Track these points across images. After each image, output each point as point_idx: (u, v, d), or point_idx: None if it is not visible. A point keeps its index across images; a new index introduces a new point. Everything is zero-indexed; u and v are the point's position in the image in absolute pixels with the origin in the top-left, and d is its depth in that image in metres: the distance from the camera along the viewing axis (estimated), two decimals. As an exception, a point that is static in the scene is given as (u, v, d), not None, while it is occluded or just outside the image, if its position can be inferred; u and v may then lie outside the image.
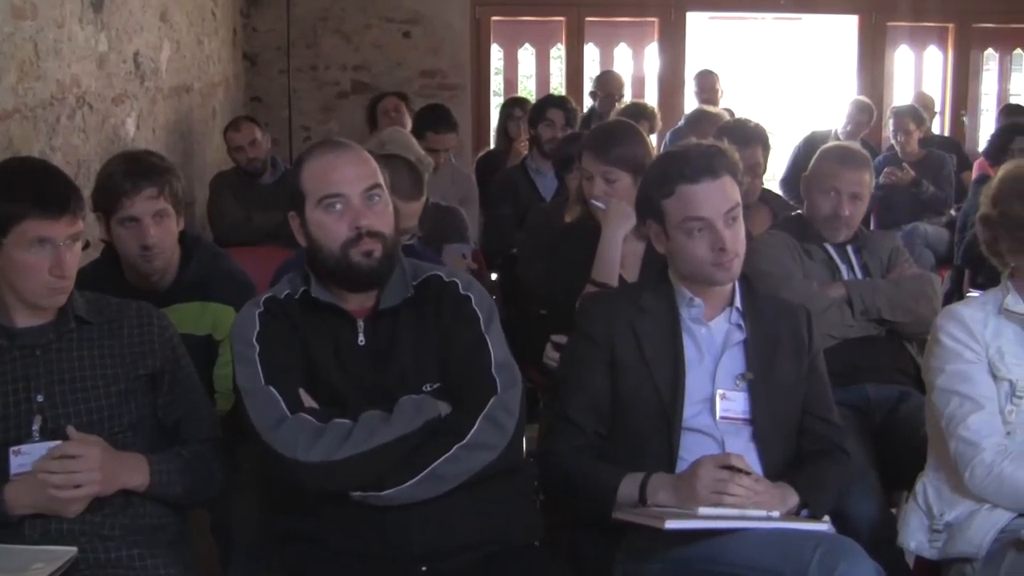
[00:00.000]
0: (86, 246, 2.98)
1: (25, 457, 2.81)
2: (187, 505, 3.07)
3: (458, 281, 3.00)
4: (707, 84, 9.16)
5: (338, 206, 2.86)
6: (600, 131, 4.32)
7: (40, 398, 2.87)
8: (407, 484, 2.70)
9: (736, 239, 3.06)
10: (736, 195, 3.09)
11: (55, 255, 2.83)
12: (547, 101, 7.04)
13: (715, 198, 3.04)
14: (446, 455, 2.73)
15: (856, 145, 4.99)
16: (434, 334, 2.92)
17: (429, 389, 2.87)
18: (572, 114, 6.86)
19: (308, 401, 2.80)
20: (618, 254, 4.02)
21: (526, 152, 7.30)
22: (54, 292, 2.88)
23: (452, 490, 2.76)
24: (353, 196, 2.88)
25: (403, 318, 2.93)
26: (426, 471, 2.71)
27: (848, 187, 4.23)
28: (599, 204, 4.12)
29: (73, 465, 2.76)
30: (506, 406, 2.84)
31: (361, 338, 2.90)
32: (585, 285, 3.95)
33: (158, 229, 3.55)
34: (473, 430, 2.76)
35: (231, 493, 3.20)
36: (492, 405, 2.81)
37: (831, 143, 4.60)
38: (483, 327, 2.94)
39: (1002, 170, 3.21)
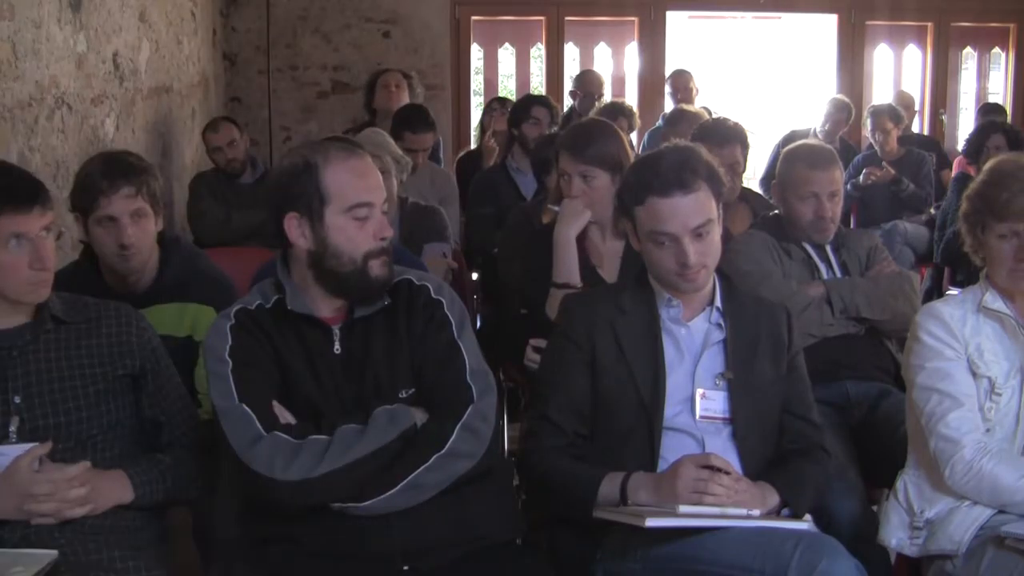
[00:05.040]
0: (59, 237, 2.98)
1: (2, 458, 2.81)
2: (166, 506, 3.07)
3: (429, 285, 2.99)
4: (681, 83, 9.18)
5: (367, 215, 2.86)
6: (575, 130, 4.32)
7: (17, 399, 2.87)
8: (387, 495, 2.71)
9: (704, 252, 3.05)
10: (709, 209, 3.06)
11: (32, 249, 2.84)
12: (531, 100, 7.03)
13: (684, 214, 3.02)
14: (425, 465, 2.73)
15: (819, 142, 4.96)
16: (407, 339, 2.92)
17: (405, 395, 2.87)
18: (555, 112, 6.87)
19: (283, 415, 2.80)
20: (573, 253, 4.03)
21: (495, 146, 7.31)
22: (37, 286, 2.89)
23: (430, 492, 2.77)
24: (378, 205, 2.89)
25: (375, 324, 2.92)
26: (405, 481, 2.71)
27: (825, 188, 4.21)
28: (554, 208, 4.14)
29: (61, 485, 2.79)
30: (482, 413, 2.84)
31: (337, 347, 2.90)
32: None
33: (135, 228, 3.54)
34: (451, 439, 2.76)
35: (213, 495, 3.20)
36: (469, 414, 2.81)
37: (793, 144, 4.56)
38: (455, 333, 2.93)
39: (984, 167, 3.23)
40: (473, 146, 8.72)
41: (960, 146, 8.54)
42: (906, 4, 9.97)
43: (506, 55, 10.43)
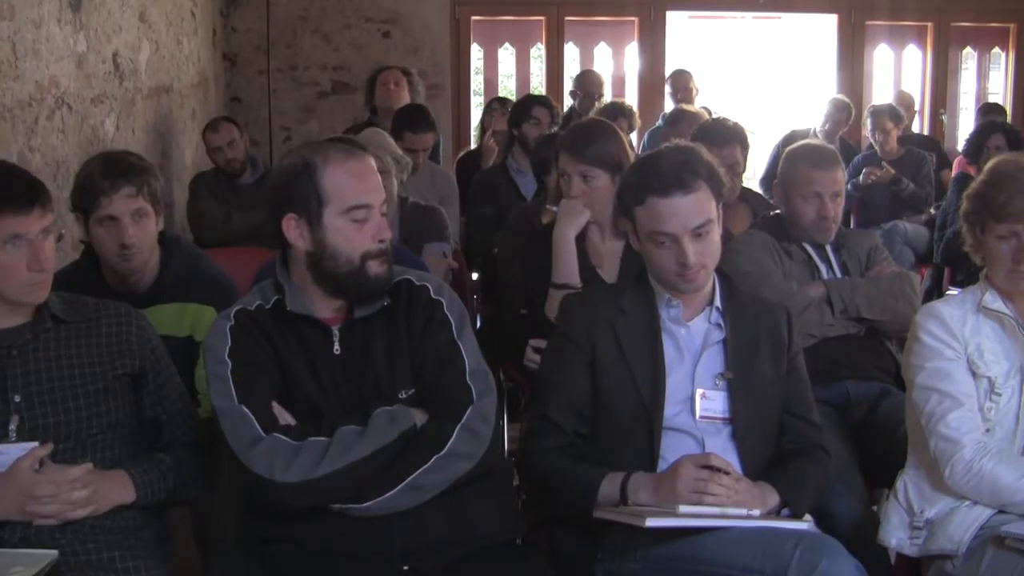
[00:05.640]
0: (59, 239, 2.97)
1: (3, 457, 2.80)
2: (166, 506, 3.07)
3: (429, 285, 2.99)
4: (681, 83, 9.19)
5: (365, 216, 2.85)
6: (576, 130, 4.32)
7: (17, 399, 2.86)
8: (386, 496, 2.71)
9: (704, 252, 3.05)
10: (709, 209, 3.06)
11: (30, 250, 2.83)
12: (531, 100, 7.03)
13: (683, 214, 3.02)
14: (425, 466, 2.73)
15: (821, 142, 4.96)
16: (406, 340, 2.92)
17: (404, 396, 2.87)
18: (556, 112, 6.87)
19: (283, 416, 2.80)
20: (573, 253, 4.03)
21: (495, 146, 7.31)
22: (35, 287, 2.88)
23: (430, 492, 2.77)
24: (377, 207, 2.88)
25: (375, 325, 2.92)
26: (405, 482, 2.71)
27: (828, 188, 4.21)
28: (553, 208, 4.14)
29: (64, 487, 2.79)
30: (482, 414, 2.83)
31: (336, 347, 2.89)
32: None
33: (136, 228, 3.54)
34: (451, 440, 2.76)
35: (213, 495, 3.20)
36: (469, 414, 2.81)
37: (797, 144, 4.55)
38: (455, 334, 2.93)
39: (985, 167, 3.23)
40: (473, 146, 8.71)
41: (960, 146, 8.54)
42: (906, 4, 9.97)
43: (506, 55, 10.43)
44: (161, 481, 2.98)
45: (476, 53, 10.07)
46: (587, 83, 8.99)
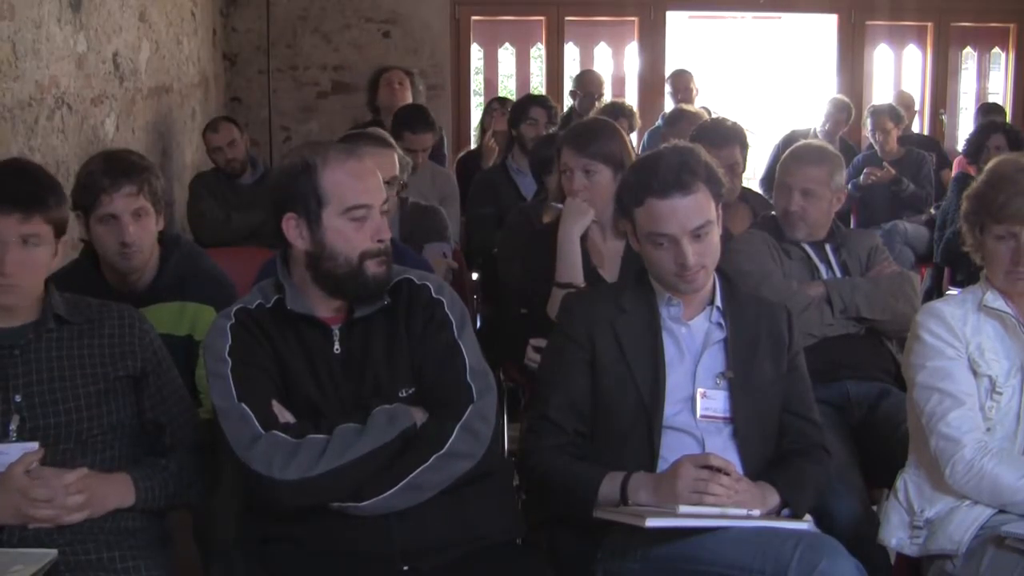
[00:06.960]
0: (55, 255, 2.95)
1: (3, 456, 2.80)
2: (166, 511, 3.07)
3: (430, 285, 2.99)
4: (681, 83, 9.18)
5: (365, 216, 2.85)
6: (579, 127, 4.33)
7: (18, 398, 2.86)
8: (386, 495, 2.71)
9: (703, 253, 3.05)
10: (708, 210, 3.06)
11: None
12: (529, 100, 7.04)
13: (682, 215, 3.02)
14: (424, 465, 2.73)
15: (821, 143, 4.99)
16: (407, 339, 2.91)
17: (405, 395, 2.86)
18: (554, 112, 6.87)
19: (283, 415, 2.79)
20: (577, 252, 4.03)
21: (495, 147, 7.32)
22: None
23: (430, 491, 2.77)
24: (376, 206, 2.88)
25: (376, 324, 2.92)
26: (404, 481, 2.71)
27: (798, 182, 4.24)
28: (557, 205, 4.13)
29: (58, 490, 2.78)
30: (482, 414, 2.83)
31: (337, 346, 2.89)
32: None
33: (137, 227, 3.54)
34: (451, 440, 2.76)
35: (214, 495, 3.19)
36: (469, 414, 2.80)
37: (800, 142, 4.59)
38: (456, 333, 2.92)
39: (985, 168, 3.24)
40: (473, 146, 8.72)
41: (960, 146, 8.54)
42: (906, 4, 9.97)
43: (506, 55, 10.42)
44: (162, 488, 2.98)
45: (476, 53, 10.07)
46: (587, 83, 8.99)
